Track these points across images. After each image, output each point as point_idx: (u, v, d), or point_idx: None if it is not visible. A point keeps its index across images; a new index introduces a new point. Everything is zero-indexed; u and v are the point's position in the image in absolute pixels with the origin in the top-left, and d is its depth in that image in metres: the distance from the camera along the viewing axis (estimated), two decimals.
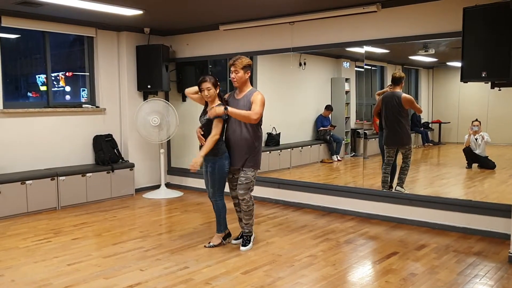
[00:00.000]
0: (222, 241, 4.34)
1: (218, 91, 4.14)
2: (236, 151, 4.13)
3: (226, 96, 4.31)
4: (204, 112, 4.19)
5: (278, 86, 7.36)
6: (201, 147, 4.15)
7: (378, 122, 7.15)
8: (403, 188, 5.50)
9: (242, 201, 4.14)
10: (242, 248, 4.21)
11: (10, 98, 5.92)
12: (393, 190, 5.53)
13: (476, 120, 5.92)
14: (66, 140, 6.28)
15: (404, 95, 5.51)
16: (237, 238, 4.42)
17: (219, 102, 4.13)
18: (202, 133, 4.14)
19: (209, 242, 4.32)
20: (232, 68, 4.07)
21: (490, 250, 4.16)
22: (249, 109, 4.01)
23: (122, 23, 6.44)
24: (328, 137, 7.44)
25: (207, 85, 4.06)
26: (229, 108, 3.97)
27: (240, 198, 4.13)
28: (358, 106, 7.24)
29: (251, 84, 4.25)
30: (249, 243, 4.27)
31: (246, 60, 4.08)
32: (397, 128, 5.58)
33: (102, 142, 6.51)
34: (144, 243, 4.46)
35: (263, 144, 7.18)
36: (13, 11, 5.49)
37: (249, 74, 4.14)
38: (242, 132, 4.09)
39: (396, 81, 5.58)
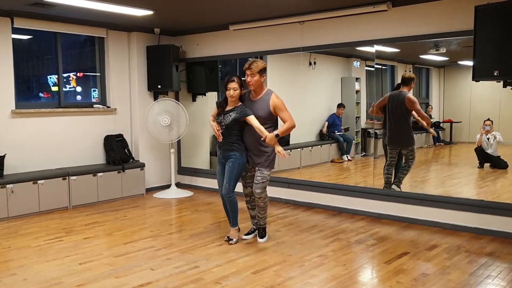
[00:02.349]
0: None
1: (241, 92, 4.24)
2: (254, 151, 4.23)
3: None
4: (224, 112, 4.24)
5: (288, 85, 7.35)
6: (217, 142, 4.33)
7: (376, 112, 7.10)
8: (399, 188, 5.42)
9: (259, 199, 4.28)
10: (260, 240, 4.42)
11: (22, 99, 5.98)
12: (390, 189, 5.46)
13: (488, 119, 5.87)
14: (77, 140, 6.33)
15: (408, 95, 5.39)
16: (247, 234, 4.54)
17: (240, 103, 4.23)
18: (221, 130, 4.22)
19: (231, 239, 4.39)
20: (248, 72, 4.11)
21: (503, 251, 4.11)
22: (267, 111, 4.13)
23: (133, 24, 6.47)
24: (334, 135, 7.41)
25: (234, 85, 4.15)
26: (279, 132, 4.08)
27: (257, 196, 4.26)
28: (369, 106, 7.21)
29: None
30: (266, 234, 4.47)
31: (261, 64, 4.13)
32: (400, 129, 5.48)
33: (113, 142, 6.55)
34: (154, 242, 4.49)
35: None
36: (25, 12, 5.55)
37: (264, 77, 4.20)
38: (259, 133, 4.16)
39: (404, 81, 5.51)
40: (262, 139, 4.09)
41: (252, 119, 4.11)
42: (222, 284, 3.42)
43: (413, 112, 5.48)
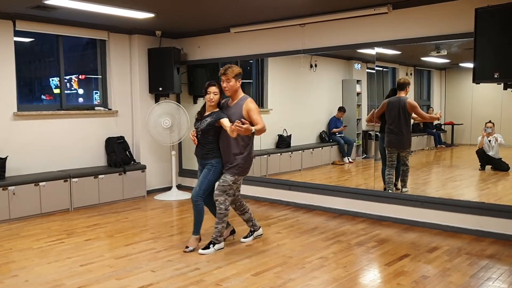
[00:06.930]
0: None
1: (220, 98, 4.24)
2: (226, 157, 4.19)
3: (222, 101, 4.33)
4: (202, 117, 4.23)
5: (289, 88, 7.36)
6: (195, 150, 4.31)
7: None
8: (407, 187, 5.59)
9: (216, 201, 4.20)
10: (201, 251, 4.17)
11: (25, 101, 6.01)
12: (400, 192, 5.54)
13: (490, 121, 5.86)
14: (79, 142, 6.35)
15: (409, 100, 5.54)
16: (245, 237, 4.55)
17: (217, 109, 4.22)
18: (198, 136, 4.22)
19: (187, 246, 4.25)
20: (224, 77, 4.14)
21: (504, 253, 4.11)
22: (240, 116, 4.06)
23: (134, 26, 6.49)
24: (334, 137, 7.43)
25: (214, 89, 4.16)
26: (255, 129, 3.94)
27: (214, 198, 4.20)
28: (370, 108, 7.21)
29: (243, 91, 4.31)
30: (209, 248, 4.19)
31: (237, 69, 4.15)
32: (402, 132, 5.59)
33: (114, 144, 6.57)
34: (155, 244, 4.49)
35: (274, 146, 7.24)
36: (27, 15, 5.57)
37: (240, 82, 4.22)
38: (235, 139, 4.10)
39: (400, 86, 5.64)
40: (234, 124, 3.78)
41: (225, 121, 4.05)
42: (223, 286, 3.42)
43: (413, 115, 5.61)
